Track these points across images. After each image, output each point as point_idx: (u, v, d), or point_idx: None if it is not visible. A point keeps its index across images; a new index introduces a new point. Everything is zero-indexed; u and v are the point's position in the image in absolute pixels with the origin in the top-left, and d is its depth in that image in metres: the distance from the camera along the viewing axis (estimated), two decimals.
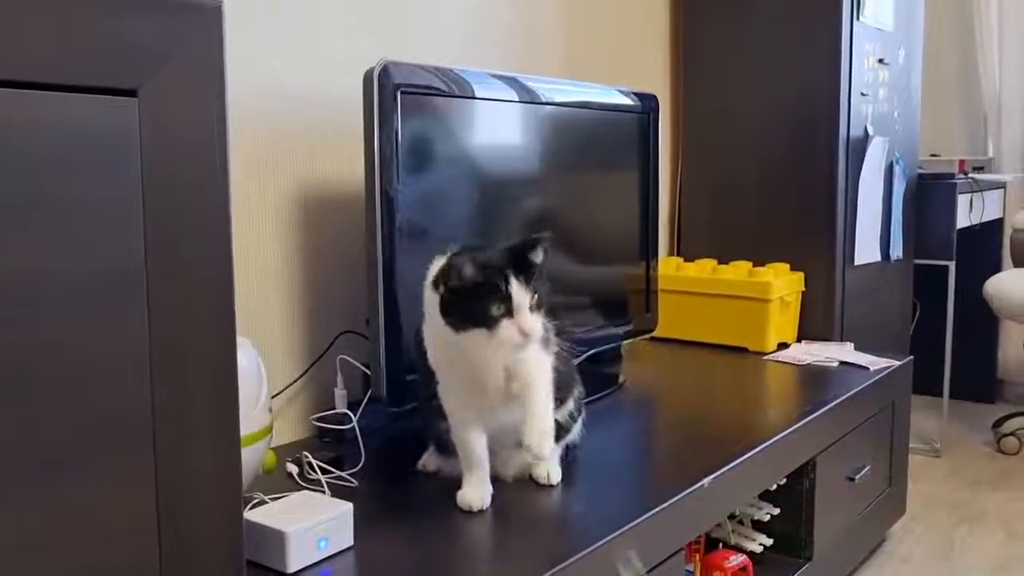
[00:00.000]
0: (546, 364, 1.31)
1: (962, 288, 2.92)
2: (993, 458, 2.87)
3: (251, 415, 1.21)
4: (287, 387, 1.65)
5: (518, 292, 1.17)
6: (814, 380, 2.08)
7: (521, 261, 1.20)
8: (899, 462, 2.22)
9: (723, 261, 2.51)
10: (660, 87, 2.68)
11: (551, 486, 1.37)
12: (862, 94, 2.52)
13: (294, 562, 1.10)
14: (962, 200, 2.93)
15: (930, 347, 2.89)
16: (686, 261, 2.56)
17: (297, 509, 1.16)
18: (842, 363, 2.18)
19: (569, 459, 1.46)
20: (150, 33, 0.69)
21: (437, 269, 1.24)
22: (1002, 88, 3.39)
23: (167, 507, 0.73)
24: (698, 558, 1.62)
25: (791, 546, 1.78)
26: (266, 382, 1.27)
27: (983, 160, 3.39)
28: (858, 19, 2.46)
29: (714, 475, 1.42)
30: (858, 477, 1.93)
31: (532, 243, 1.23)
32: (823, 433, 1.79)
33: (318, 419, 1.63)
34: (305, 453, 1.45)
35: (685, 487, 1.37)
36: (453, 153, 1.57)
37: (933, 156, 3.30)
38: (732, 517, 1.76)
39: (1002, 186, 3.34)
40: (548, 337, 1.33)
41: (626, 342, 2.10)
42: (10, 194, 0.63)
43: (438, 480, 1.40)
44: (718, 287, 2.39)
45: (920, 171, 2.96)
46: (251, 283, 1.60)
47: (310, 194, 1.69)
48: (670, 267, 2.50)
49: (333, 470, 1.42)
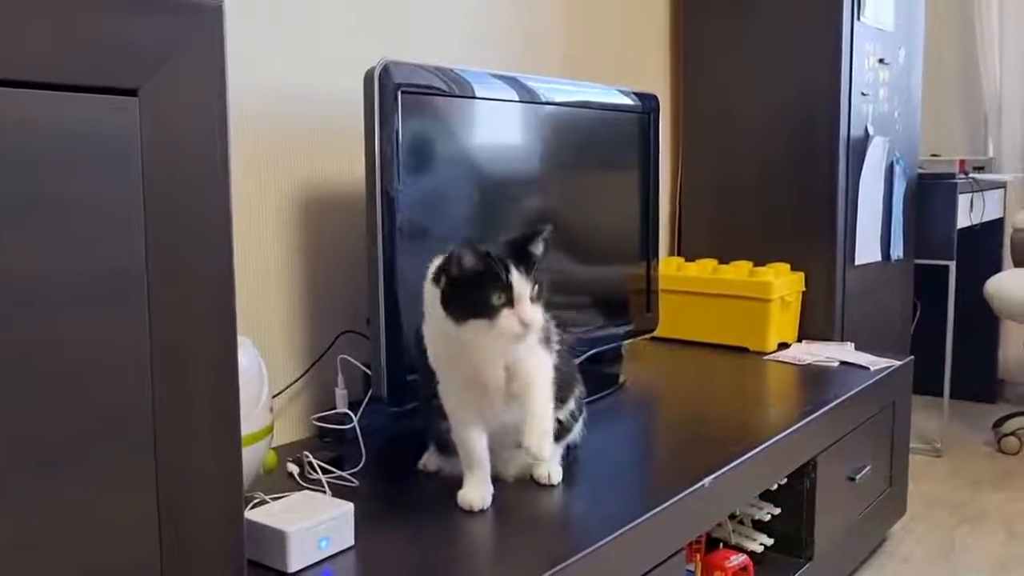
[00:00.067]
0: (547, 364, 1.31)
1: (962, 288, 2.92)
2: (994, 458, 2.87)
3: (252, 415, 1.21)
4: (288, 387, 1.65)
5: (519, 282, 1.17)
6: (815, 380, 2.08)
7: (521, 252, 1.21)
8: (900, 462, 2.22)
9: (724, 261, 2.51)
10: (660, 87, 2.67)
11: (552, 486, 1.37)
12: (862, 94, 2.52)
13: (295, 562, 1.10)
14: (962, 200, 2.93)
15: (930, 347, 2.89)
16: (687, 261, 2.56)
17: (298, 509, 1.16)
18: (842, 363, 2.18)
19: (570, 459, 1.46)
20: (151, 33, 0.69)
21: (437, 265, 1.24)
22: (1002, 88, 3.39)
23: (168, 507, 0.73)
24: (699, 558, 1.63)
25: (792, 546, 1.78)
26: (267, 382, 1.27)
27: (983, 160, 3.39)
28: (858, 19, 2.46)
29: (715, 475, 1.42)
30: (859, 477, 1.93)
31: (532, 235, 1.23)
32: (824, 433, 1.79)
33: (319, 419, 1.63)
34: (306, 453, 1.46)
35: (686, 487, 1.37)
36: (454, 153, 1.57)
37: (933, 156, 3.30)
38: (733, 517, 1.76)
39: (1002, 186, 3.34)
40: (549, 336, 1.33)
41: (627, 342, 2.10)
42: (10, 194, 0.63)
43: (439, 480, 1.40)
44: (719, 287, 2.39)
45: (920, 171, 2.96)
46: (252, 283, 1.60)
47: (310, 194, 1.69)
48: (671, 267, 2.50)
49: (334, 470, 1.42)
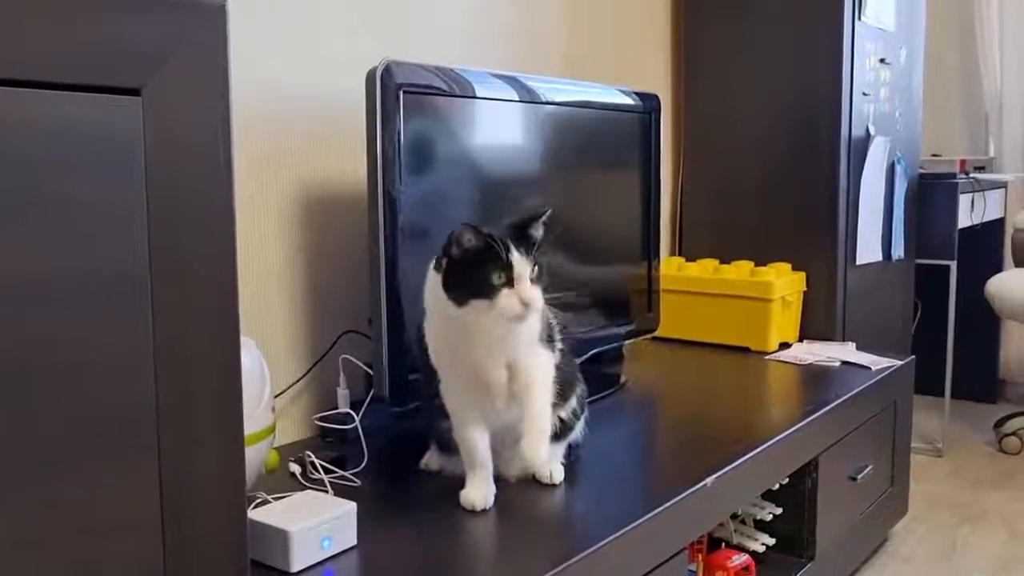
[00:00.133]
0: (548, 365, 1.31)
1: (963, 288, 2.92)
2: (995, 458, 2.87)
3: (254, 415, 1.21)
4: (290, 387, 1.65)
5: (519, 262, 1.17)
6: (816, 380, 2.08)
7: (521, 234, 1.21)
8: (901, 462, 2.22)
9: (725, 261, 2.51)
10: (662, 87, 2.67)
11: (554, 486, 1.37)
12: (864, 94, 2.52)
13: (297, 561, 1.10)
14: (963, 200, 2.93)
15: (932, 347, 2.89)
16: (688, 261, 2.56)
17: (300, 508, 1.16)
18: (844, 363, 2.18)
19: (572, 458, 1.46)
20: (153, 32, 0.69)
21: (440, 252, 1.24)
22: (1003, 88, 3.39)
23: (171, 507, 0.73)
24: (701, 558, 1.63)
25: (793, 546, 1.78)
26: (269, 381, 1.27)
27: (984, 160, 3.39)
28: (859, 19, 2.46)
29: (716, 475, 1.42)
30: (860, 477, 1.93)
31: (532, 217, 1.24)
32: (825, 433, 1.79)
33: (321, 419, 1.63)
34: (308, 452, 1.46)
35: (688, 487, 1.37)
36: (455, 153, 1.57)
37: (934, 156, 3.30)
38: (734, 517, 1.76)
39: (1003, 186, 3.34)
40: (552, 335, 1.33)
41: (628, 342, 2.10)
42: (13, 193, 0.63)
43: (441, 479, 1.40)
44: (720, 287, 2.39)
45: (921, 171, 2.96)
46: (254, 283, 1.60)
47: (312, 194, 1.69)
48: (672, 267, 2.50)
49: (336, 469, 1.42)
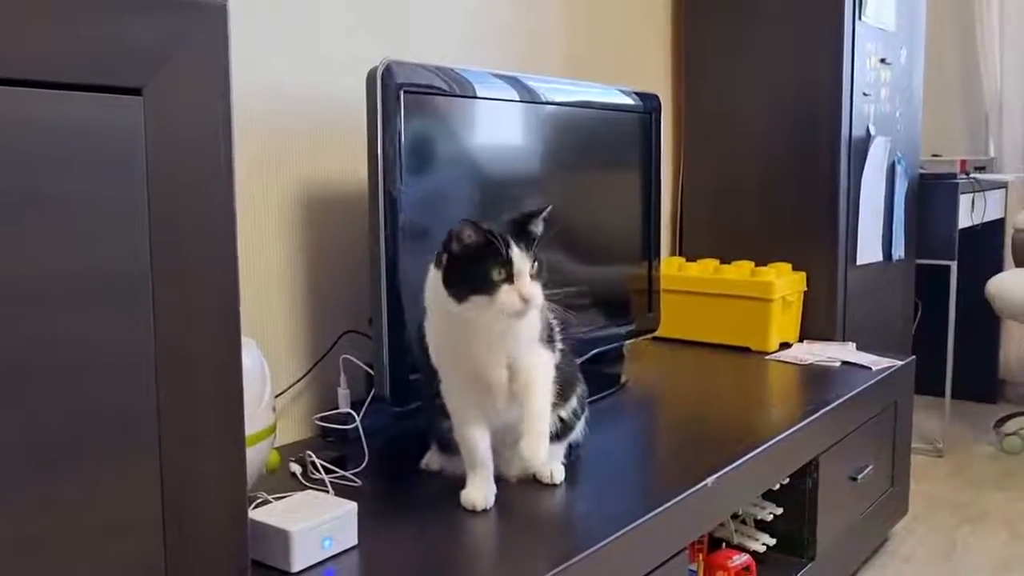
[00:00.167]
0: (548, 365, 1.31)
1: (964, 288, 2.92)
2: (995, 458, 2.87)
3: (255, 415, 1.21)
4: (290, 386, 1.65)
5: (518, 258, 1.17)
6: (816, 380, 2.08)
7: (521, 230, 1.21)
8: (901, 462, 2.22)
9: (725, 261, 2.51)
10: (662, 87, 2.67)
11: (554, 485, 1.37)
12: (864, 94, 2.52)
13: (298, 561, 1.10)
14: (964, 200, 2.93)
15: (932, 347, 2.89)
16: (688, 261, 2.56)
17: (301, 508, 1.16)
18: (844, 363, 2.18)
19: (572, 458, 1.46)
20: (154, 32, 0.69)
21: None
22: (1003, 88, 3.39)
23: (172, 507, 0.73)
24: (701, 558, 1.63)
25: (794, 546, 1.78)
26: (270, 382, 1.27)
27: (984, 160, 3.39)
28: (860, 19, 2.46)
29: (717, 475, 1.42)
30: (861, 477, 1.93)
31: (532, 214, 1.24)
32: (826, 433, 1.79)
33: (321, 419, 1.63)
34: (309, 452, 1.46)
35: (688, 487, 1.37)
36: (456, 153, 1.57)
37: (935, 156, 3.30)
38: (735, 517, 1.76)
39: (1003, 186, 3.34)
40: (552, 335, 1.33)
41: (628, 342, 2.10)
42: (13, 193, 0.63)
43: (441, 479, 1.40)
44: (720, 287, 2.39)
45: (922, 171, 2.96)
46: (254, 283, 1.60)
47: (312, 194, 1.69)
48: (672, 267, 2.50)
49: (337, 469, 1.42)
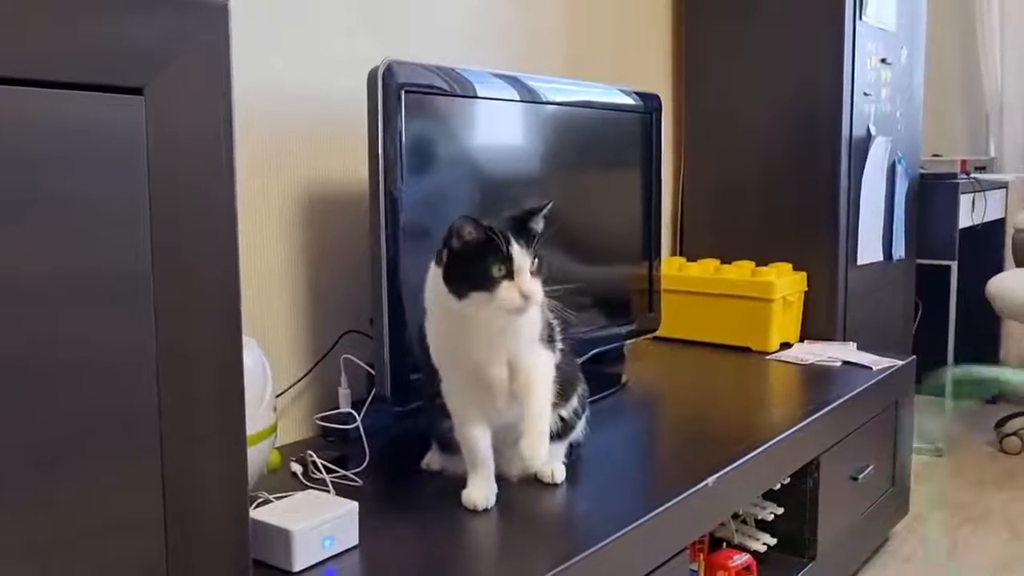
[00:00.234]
0: (548, 364, 1.31)
1: (964, 288, 2.92)
2: (996, 458, 2.87)
3: (256, 414, 1.21)
4: (291, 386, 1.65)
5: (519, 254, 1.17)
6: (817, 380, 2.08)
7: (522, 227, 1.21)
8: (902, 462, 2.22)
9: (726, 261, 2.51)
10: (663, 88, 2.67)
11: (555, 485, 1.37)
12: (865, 94, 2.52)
13: (299, 561, 1.10)
14: (964, 200, 2.93)
15: (932, 347, 2.89)
16: (689, 261, 2.56)
17: (302, 508, 1.16)
18: (845, 363, 2.18)
19: (573, 458, 1.46)
20: (156, 31, 0.69)
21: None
22: (1004, 88, 3.39)
23: (174, 507, 0.73)
24: (702, 557, 1.62)
25: (795, 546, 1.78)
26: (271, 381, 1.27)
27: (985, 160, 3.39)
28: (860, 19, 2.46)
29: (718, 474, 1.42)
30: (861, 477, 1.93)
31: (533, 211, 1.24)
32: (826, 433, 1.79)
33: (322, 418, 1.63)
34: (309, 452, 1.46)
35: (689, 487, 1.37)
36: (456, 153, 1.57)
37: (935, 156, 3.30)
38: (736, 516, 1.76)
39: (1004, 186, 3.34)
40: (552, 335, 1.33)
41: (629, 342, 2.10)
42: (15, 192, 0.62)
43: (442, 479, 1.40)
44: (721, 287, 2.39)
45: (922, 171, 2.96)
46: (255, 283, 1.60)
47: (313, 194, 1.69)
48: (673, 267, 2.50)
49: (337, 469, 1.42)
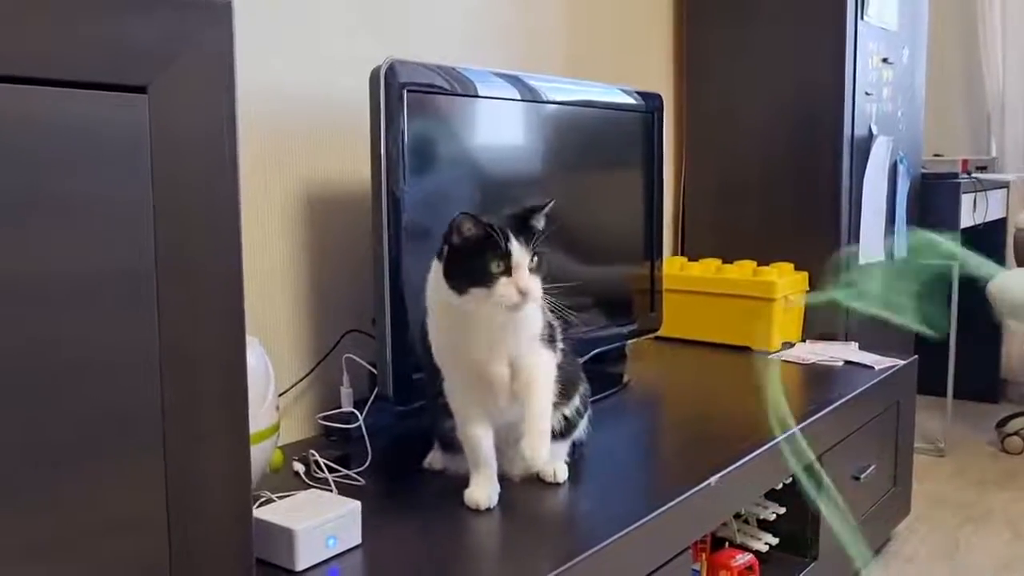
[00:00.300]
0: (550, 364, 1.31)
1: (965, 288, 2.91)
2: (997, 458, 2.87)
3: (258, 413, 1.21)
4: (294, 385, 1.65)
5: (517, 251, 1.18)
6: (819, 379, 2.08)
7: (522, 224, 1.22)
8: (904, 462, 2.22)
9: (727, 261, 2.51)
10: (664, 87, 2.67)
11: (557, 484, 1.38)
12: (866, 93, 2.52)
13: (302, 560, 1.10)
14: (965, 200, 2.93)
15: (934, 347, 2.88)
16: (690, 261, 2.56)
17: (304, 507, 1.16)
18: (847, 362, 2.18)
19: (575, 457, 1.46)
20: (160, 30, 0.69)
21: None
22: (1005, 88, 3.39)
23: (177, 506, 0.73)
24: (704, 557, 1.62)
25: (797, 545, 1.78)
26: (273, 380, 1.27)
27: (986, 160, 3.39)
28: (862, 19, 2.46)
29: (720, 474, 1.42)
30: (863, 476, 1.93)
31: (534, 209, 1.24)
32: (828, 432, 1.79)
33: (324, 418, 1.63)
34: (312, 451, 1.46)
35: (691, 486, 1.37)
36: (459, 152, 1.57)
37: (937, 156, 3.30)
38: (738, 516, 1.76)
39: (1005, 186, 3.34)
40: (554, 335, 1.33)
41: (630, 341, 2.10)
42: (18, 192, 0.62)
43: (445, 478, 1.40)
44: (722, 286, 2.39)
45: (924, 171, 2.96)
46: (257, 282, 1.60)
47: (315, 193, 1.69)
48: (674, 267, 2.50)
49: (340, 468, 1.42)
